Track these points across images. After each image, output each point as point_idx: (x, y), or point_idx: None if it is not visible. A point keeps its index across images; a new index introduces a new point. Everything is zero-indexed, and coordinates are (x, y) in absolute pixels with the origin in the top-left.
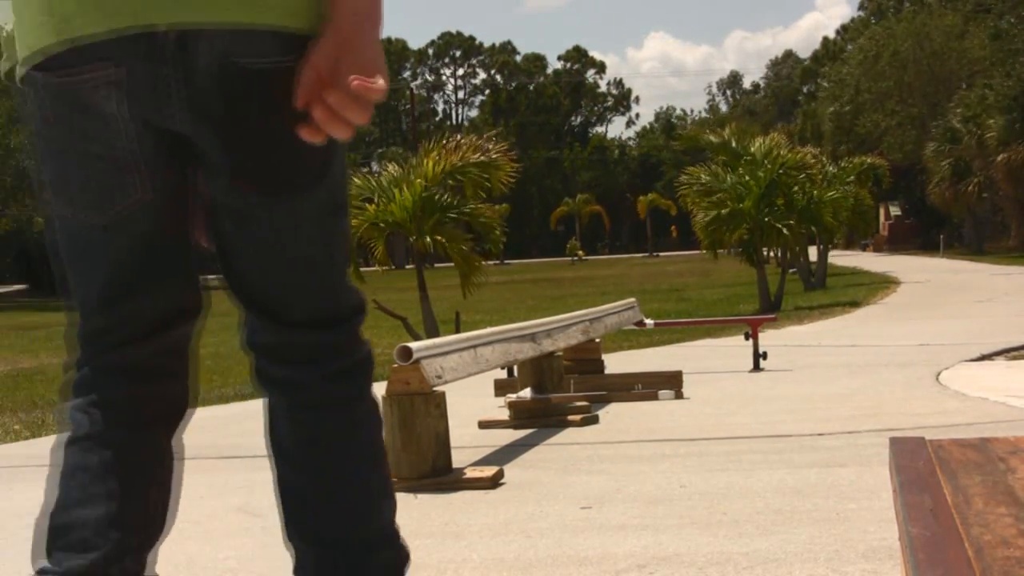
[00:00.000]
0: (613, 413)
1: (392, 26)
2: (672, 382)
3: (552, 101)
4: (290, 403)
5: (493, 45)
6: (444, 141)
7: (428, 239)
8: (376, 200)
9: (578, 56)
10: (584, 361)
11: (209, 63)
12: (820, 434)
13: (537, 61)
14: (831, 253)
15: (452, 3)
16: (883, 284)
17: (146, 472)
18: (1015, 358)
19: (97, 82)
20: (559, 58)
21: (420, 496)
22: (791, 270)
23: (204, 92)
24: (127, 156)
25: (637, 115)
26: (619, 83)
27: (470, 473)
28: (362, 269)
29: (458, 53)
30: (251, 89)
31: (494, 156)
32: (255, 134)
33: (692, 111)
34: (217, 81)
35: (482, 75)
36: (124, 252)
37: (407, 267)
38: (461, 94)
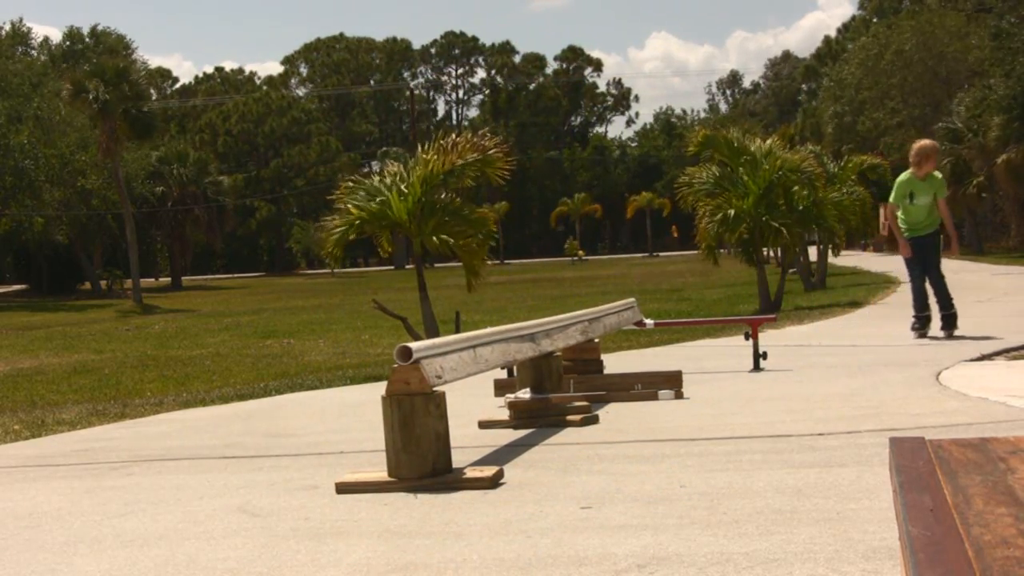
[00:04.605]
0: (613, 413)
1: (393, 26)
2: (672, 382)
3: (552, 102)
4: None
5: (493, 45)
6: (442, 140)
7: (435, 239)
8: (376, 200)
9: (574, 56)
10: (583, 361)
11: None
12: (820, 434)
13: (537, 61)
14: (831, 253)
15: (457, 3)
16: (883, 284)
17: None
18: (1015, 358)
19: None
20: (555, 58)
21: (420, 496)
22: (791, 270)
23: None
24: None
25: (637, 115)
26: (619, 83)
27: (470, 473)
28: (361, 269)
29: (457, 52)
30: None
31: (490, 152)
32: None
33: (693, 111)
34: None
35: (481, 74)
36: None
37: (407, 267)
38: (461, 94)
